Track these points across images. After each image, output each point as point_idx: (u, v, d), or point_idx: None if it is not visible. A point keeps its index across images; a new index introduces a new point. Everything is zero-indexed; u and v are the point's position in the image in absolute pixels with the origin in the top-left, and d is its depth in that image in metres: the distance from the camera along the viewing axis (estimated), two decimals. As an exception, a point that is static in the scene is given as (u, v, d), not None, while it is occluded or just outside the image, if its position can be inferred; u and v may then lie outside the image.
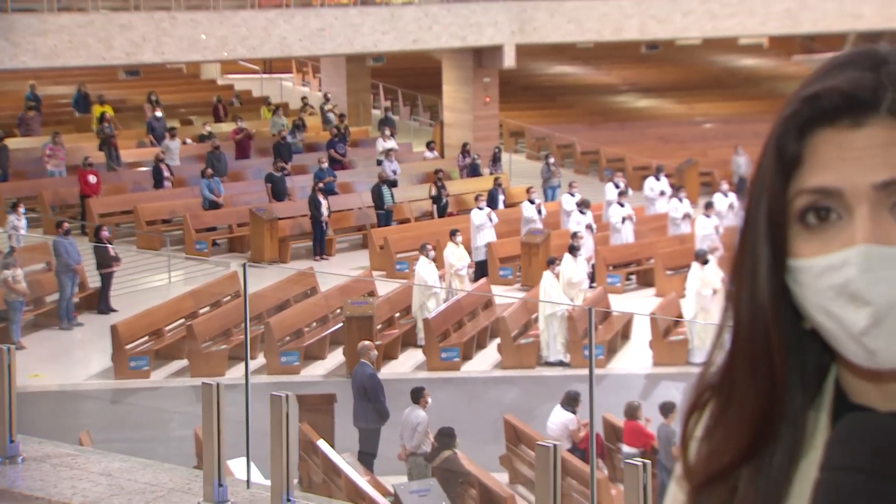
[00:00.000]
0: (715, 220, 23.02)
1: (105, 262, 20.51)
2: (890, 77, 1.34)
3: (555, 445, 3.71)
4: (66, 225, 21.09)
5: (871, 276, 1.30)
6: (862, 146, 1.33)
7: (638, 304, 21.63)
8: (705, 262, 18.99)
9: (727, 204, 24.13)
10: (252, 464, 4.80)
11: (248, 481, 4.48)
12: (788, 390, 1.42)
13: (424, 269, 20.06)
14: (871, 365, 1.34)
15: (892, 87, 1.34)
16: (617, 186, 25.23)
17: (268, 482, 4.28)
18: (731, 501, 1.43)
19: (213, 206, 25.14)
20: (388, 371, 17.38)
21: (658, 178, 26.99)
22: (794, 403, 1.42)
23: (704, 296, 18.65)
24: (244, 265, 4.51)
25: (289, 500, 4.18)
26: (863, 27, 33.28)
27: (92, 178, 25.38)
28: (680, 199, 24.91)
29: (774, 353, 1.40)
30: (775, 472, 1.42)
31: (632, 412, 13.99)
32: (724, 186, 25.73)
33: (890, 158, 1.32)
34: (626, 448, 13.60)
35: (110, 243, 20.77)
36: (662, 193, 26.53)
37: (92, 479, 4.55)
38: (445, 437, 12.88)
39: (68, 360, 18.95)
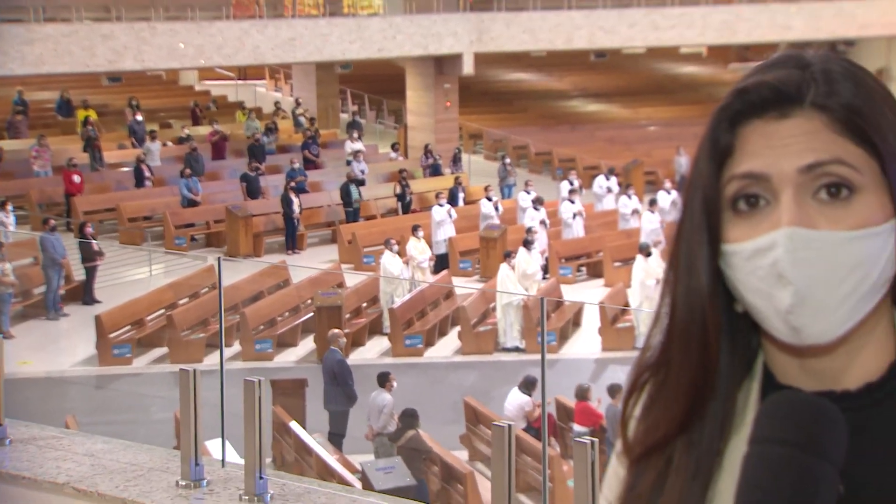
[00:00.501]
0: (659, 216, 23.16)
1: (89, 257, 20.42)
2: (814, 75, 1.36)
3: (510, 425, 3.69)
4: (52, 222, 20.98)
5: (794, 256, 1.30)
6: (788, 135, 1.35)
7: (588, 294, 21.74)
8: (649, 254, 19.11)
9: (670, 201, 24.27)
10: (228, 444, 4.77)
11: (223, 460, 4.45)
12: (720, 369, 1.42)
13: (389, 261, 20.19)
14: (796, 342, 1.34)
15: (814, 84, 1.35)
16: (571, 184, 25.29)
17: (242, 461, 4.26)
18: (666, 472, 1.43)
19: (192, 203, 25.05)
20: (355, 357, 17.37)
21: (607, 178, 27.16)
22: (724, 382, 1.43)
23: (648, 286, 18.76)
24: (219, 259, 4.50)
25: (261, 477, 4.17)
26: (792, 37, 33.44)
27: (76, 178, 25.25)
28: (629, 196, 25.05)
29: (709, 332, 1.40)
30: (706, 444, 1.42)
31: (582, 394, 14.04)
32: (668, 184, 25.91)
33: (812, 144, 1.33)
34: (577, 427, 13.63)
35: (94, 239, 20.71)
36: (610, 191, 26.71)
37: (76, 459, 4.53)
38: (409, 418, 12.89)
39: (55, 349, 18.88)
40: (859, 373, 1.40)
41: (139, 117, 31.16)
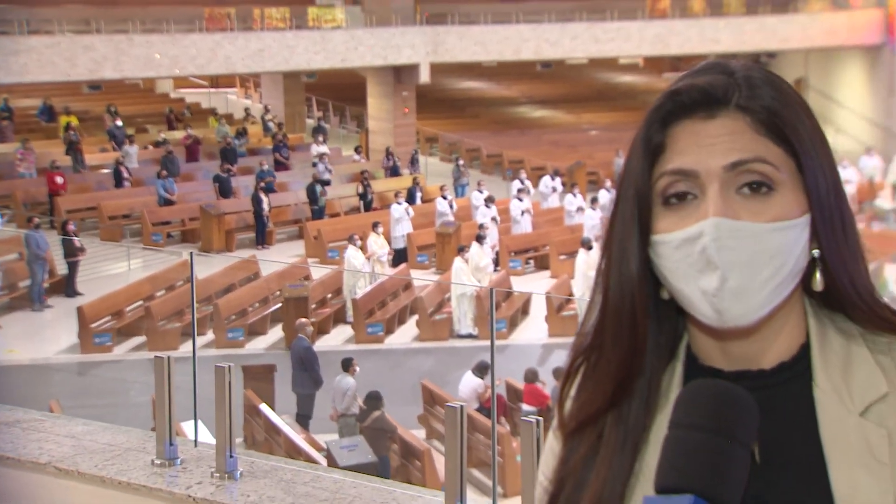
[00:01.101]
0: (600, 213, 23.27)
1: (71, 252, 20.28)
2: (737, 81, 1.39)
3: (462, 406, 3.70)
4: (36, 220, 20.96)
5: (720, 244, 1.33)
6: (714, 134, 1.37)
7: (535, 285, 21.78)
8: (590, 247, 19.17)
9: (610, 199, 24.36)
10: (201, 426, 4.74)
11: (195, 441, 4.42)
12: (648, 350, 1.44)
13: (352, 256, 20.20)
14: (719, 324, 1.36)
15: (739, 88, 1.38)
16: (520, 184, 25.36)
17: (213, 441, 4.24)
18: (598, 445, 1.44)
19: (167, 202, 24.90)
20: (321, 344, 17.33)
21: (553, 178, 27.28)
22: (651, 362, 1.45)
23: (590, 277, 18.76)
24: (192, 254, 4.48)
25: (231, 455, 4.15)
26: (720, 49, 33.63)
27: (59, 179, 25.08)
28: (574, 195, 25.15)
29: (638, 315, 1.42)
30: (634, 420, 1.44)
31: (530, 376, 14.09)
32: (608, 184, 26.04)
33: (736, 144, 1.36)
34: (525, 407, 13.66)
35: (76, 236, 20.55)
36: (555, 190, 26.83)
37: (58, 440, 4.50)
38: (375, 400, 12.88)
39: (40, 338, 18.74)
40: (773, 354, 1.43)
41: (118, 122, 30.92)
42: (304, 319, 15.86)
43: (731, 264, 1.33)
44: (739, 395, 1.31)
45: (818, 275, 1.40)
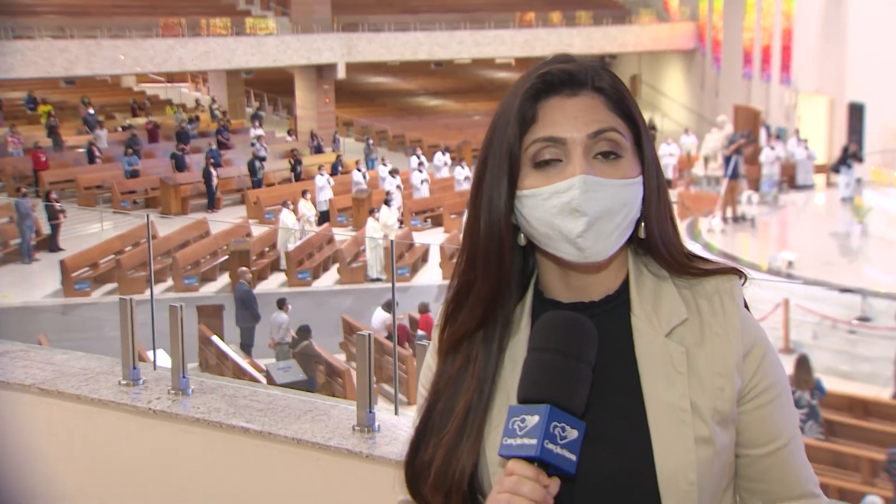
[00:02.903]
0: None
1: (54, 216, 19.89)
2: (591, 66, 1.40)
3: (369, 334, 3.68)
4: (24, 190, 20.57)
5: (586, 195, 1.32)
6: (577, 108, 1.37)
7: (431, 238, 21.88)
8: (475, 208, 19.27)
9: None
10: (161, 353, 4.67)
11: (154, 365, 4.35)
12: (510, 282, 1.44)
13: (285, 217, 20.19)
14: (581, 260, 1.36)
15: (593, 73, 1.39)
16: (418, 159, 25.37)
17: (170, 365, 4.19)
18: (467, 364, 1.44)
19: (133, 175, 24.46)
20: (261, 288, 17.19)
21: (444, 154, 27.33)
22: (510, 296, 1.44)
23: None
24: (147, 216, 4.38)
25: (184, 376, 4.10)
26: (574, 51, 33.41)
27: (42, 157, 24.54)
28: (462, 167, 25.23)
29: (505, 252, 1.41)
30: (496, 343, 1.43)
31: (424, 308, 14.17)
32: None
33: (595, 117, 1.37)
34: (420, 333, 13.74)
35: (58, 202, 20.17)
36: (447, 164, 26.90)
37: (40, 367, 4.39)
38: (304, 332, 12.83)
39: (29, 285, 18.37)
40: (602, 288, 1.44)
41: (90, 111, 30.34)
42: (244, 268, 15.78)
43: (594, 211, 1.33)
44: (585, 324, 1.32)
45: (643, 224, 1.42)
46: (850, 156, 20.80)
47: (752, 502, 1.45)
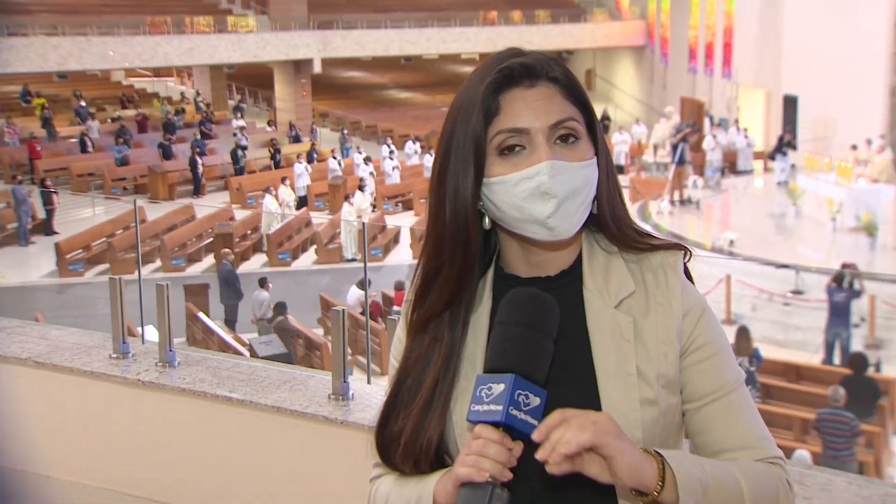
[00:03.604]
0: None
1: (49, 201, 19.67)
2: (543, 58, 1.39)
3: (343, 310, 3.67)
4: (20, 177, 20.30)
5: (554, 179, 1.32)
6: (536, 99, 1.36)
7: (403, 221, 21.81)
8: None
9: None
10: (150, 329, 4.63)
11: (143, 339, 4.31)
12: (477, 264, 1.43)
13: (268, 202, 20.05)
14: (550, 238, 1.36)
15: (545, 64, 1.38)
16: (389, 147, 25.28)
17: (157, 339, 4.15)
18: (435, 343, 1.43)
19: (122, 163, 24.17)
20: (243, 268, 17.09)
21: (414, 143, 27.25)
22: (474, 275, 1.43)
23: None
24: (134, 201, 4.31)
25: (170, 350, 4.06)
26: (533, 48, 33.87)
27: (37, 147, 24.26)
28: (430, 155, 25.18)
29: (471, 236, 1.39)
30: (461, 320, 1.43)
31: (399, 286, 14.14)
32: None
33: (554, 107, 1.36)
34: (395, 308, 13.72)
35: (52, 189, 19.94)
36: (416, 152, 26.81)
37: (35, 341, 4.34)
38: (280, 308, 12.77)
39: (26, 266, 18.17)
40: (558, 263, 1.44)
41: (82, 103, 30.00)
42: (226, 250, 15.69)
43: (562, 193, 1.33)
44: (547, 299, 1.32)
45: (595, 203, 1.42)
46: (786, 144, 20.99)
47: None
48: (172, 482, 3.91)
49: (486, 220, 1.40)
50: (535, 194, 1.33)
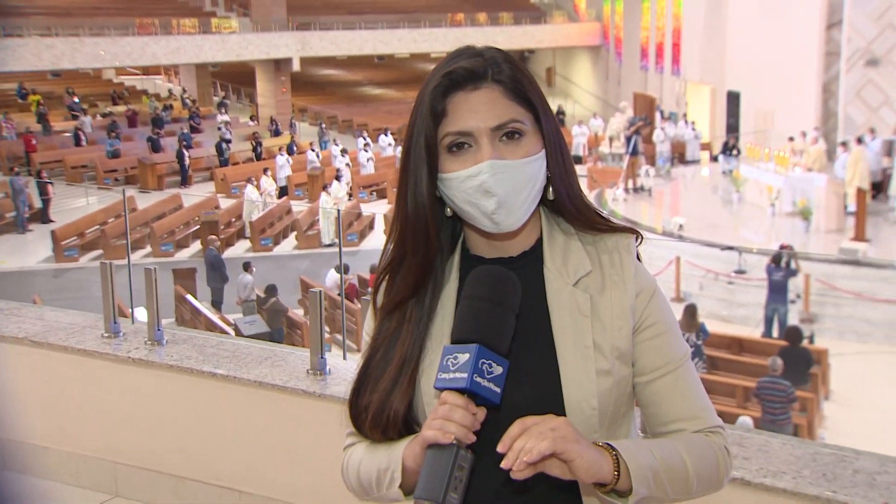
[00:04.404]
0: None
1: (45, 192, 19.44)
2: (489, 61, 1.37)
3: (320, 291, 3.65)
4: (17, 169, 19.98)
5: (495, 178, 1.32)
6: (480, 102, 1.35)
7: (377, 209, 21.73)
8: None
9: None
10: (140, 310, 4.57)
11: (132, 319, 4.26)
12: (438, 251, 1.42)
13: (249, 191, 19.90)
14: (496, 231, 1.37)
15: (491, 66, 1.36)
16: (364, 140, 25.15)
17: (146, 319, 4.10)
18: (403, 323, 1.43)
19: (114, 155, 23.87)
20: (228, 253, 16.95)
21: (387, 135, 27.10)
22: (440, 259, 1.43)
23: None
24: (123, 190, 4.22)
25: (158, 329, 4.01)
26: (500, 46, 33.88)
27: (33, 140, 23.91)
28: (402, 147, 25.15)
29: (431, 228, 1.40)
30: (428, 301, 1.43)
31: (374, 269, 14.03)
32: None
33: (496, 110, 1.35)
34: (370, 290, 13.62)
35: (48, 180, 19.68)
36: (390, 144, 26.69)
37: (31, 322, 4.28)
38: (272, 290, 12.70)
39: (24, 252, 17.96)
40: (519, 245, 1.44)
41: (76, 100, 29.69)
42: (212, 236, 15.58)
43: (503, 191, 1.33)
44: (509, 276, 1.32)
45: (551, 189, 1.41)
46: (730, 148, 21.22)
47: (652, 430, 1.47)
48: (161, 451, 3.87)
49: (447, 208, 1.40)
50: (480, 191, 1.33)
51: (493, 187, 1.32)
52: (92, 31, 28.01)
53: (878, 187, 17.66)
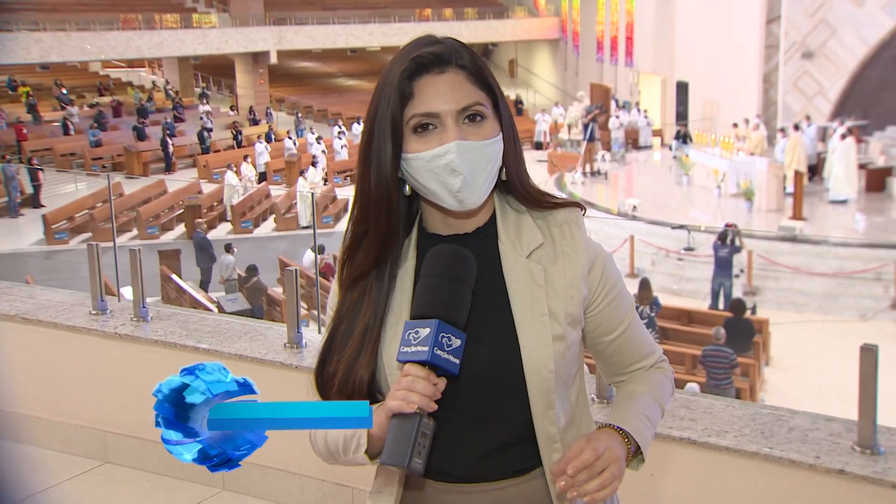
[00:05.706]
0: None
1: (36, 178, 19.13)
2: (452, 46, 1.37)
3: (296, 269, 3.63)
4: (9, 157, 19.68)
5: (461, 157, 1.31)
6: (447, 85, 1.34)
7: (351, 193, 21.42)
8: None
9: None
10: (127, 289, 4.51)
11: (118, 297, 4.20)
12: (399, 226, 1.41)
13: (230, 177, 19.71)
14: (460, 209, 1.36)
15: (454, 52, 1.35)
16: (339, 128, 24.97)
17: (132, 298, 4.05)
18: (364, 295, 1.42)
19: (96, 144, 23.52)
20: (210, 235, 16.74)
21: (359, 124, 26.93)
22: (399, 236, 1.41)
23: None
24: (108, 176, 4.15)
25: (143, 306, 3.96)
26: (464, 40, 33.71)
27: (24, 130, 23.44)
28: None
29: (393, 203, 1.38)
30: (388, 275, 1.41)
31: (347, 250, 14.03)
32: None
33: (461, 94, 1.34)
34: (340, 269, 13.60)
35: (39, 167, 19.34)
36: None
37: (22, 300, 4.21)
38: (253, 269, 12.61)
39: (16, 235, 17.71)
40: (475, 222, 1.44)
41: (64, 91, 29.08)
42: (199, 219, 15.39)
43: (468, 170, 1.32)
44: (465, 254, 1.32)
45: (504, 170, 1.41)
46: (682, 136, 21.38)
47: (614, 378, 1.52)
48: (147, 420, 3.82)
49: (407, 187, 1.39)
50: (447, 170, 1.32)
51: (460, 166, 1.31)
52: (78, 25, 27.47)
53: (814, 170, 17.90)
